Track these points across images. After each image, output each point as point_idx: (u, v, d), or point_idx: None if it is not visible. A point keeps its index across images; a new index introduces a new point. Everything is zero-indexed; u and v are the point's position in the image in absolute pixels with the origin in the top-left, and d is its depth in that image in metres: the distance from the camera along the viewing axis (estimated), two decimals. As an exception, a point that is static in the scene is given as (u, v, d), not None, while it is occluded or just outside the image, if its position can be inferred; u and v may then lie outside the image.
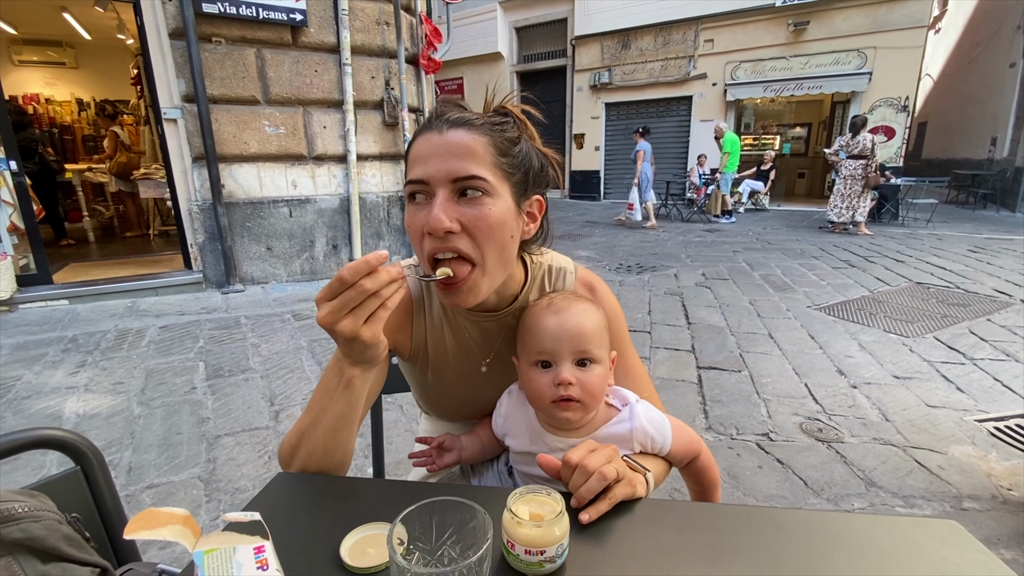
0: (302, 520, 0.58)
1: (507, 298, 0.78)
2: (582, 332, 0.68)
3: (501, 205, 0.65)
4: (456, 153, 0.63)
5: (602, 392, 0.71)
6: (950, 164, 11.74)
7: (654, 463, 0.73)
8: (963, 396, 2.51)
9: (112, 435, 2.25)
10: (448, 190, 0.63)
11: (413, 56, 5.21)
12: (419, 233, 0.65)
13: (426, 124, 0.67)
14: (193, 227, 4.49)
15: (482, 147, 0.64)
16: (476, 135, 0.64)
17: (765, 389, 2.63)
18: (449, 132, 0.64)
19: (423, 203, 0.65)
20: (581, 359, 0.69)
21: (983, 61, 11.06)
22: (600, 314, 0.72)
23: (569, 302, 0.71)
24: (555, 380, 0.67)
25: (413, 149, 0.67)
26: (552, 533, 0.50)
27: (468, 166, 0.63)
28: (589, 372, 0.68)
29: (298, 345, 3.28)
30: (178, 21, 4.03)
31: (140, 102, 6.79)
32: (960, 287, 4.38)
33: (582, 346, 0.68)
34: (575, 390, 0.67)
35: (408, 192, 0.66)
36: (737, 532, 0.56)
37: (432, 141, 0.64)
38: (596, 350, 0.69)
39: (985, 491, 1.83)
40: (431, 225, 0.62)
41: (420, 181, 0.64)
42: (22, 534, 0.48)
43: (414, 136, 0.68)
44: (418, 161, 0.65)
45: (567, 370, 0.67)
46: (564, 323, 0.68)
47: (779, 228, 8.08)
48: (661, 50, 11.33)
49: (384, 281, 0.54)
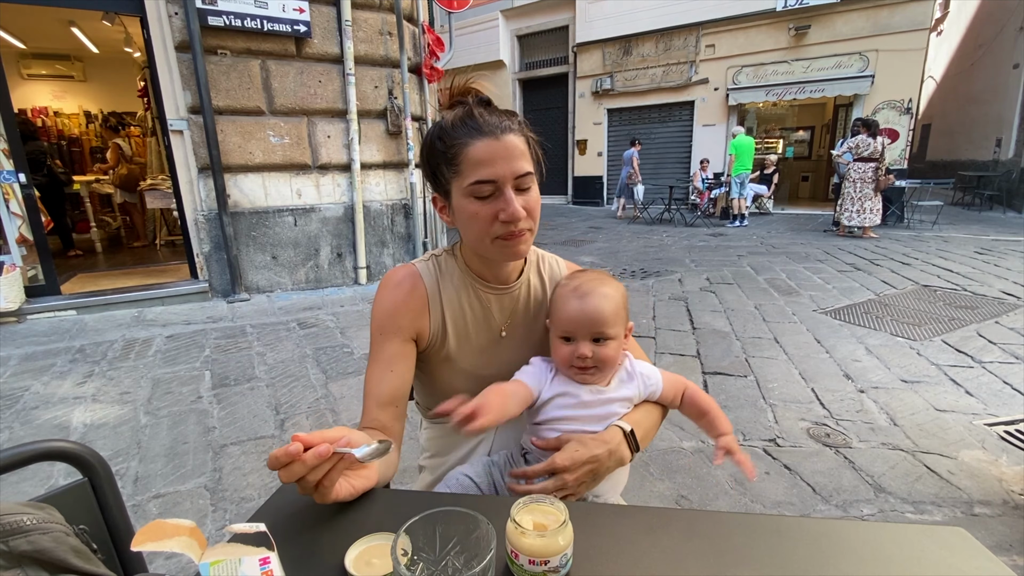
0: (307, 530, 0.59)
1: (514, 274, 0.93)
2: (600, 316, 0.81)
3: (537, 188, 0.83)
4: (515, 156, 0.78)
5: (616, 360, 0.85)
6: (955, 166, 11.70)
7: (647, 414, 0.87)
8: (972, 400, 2.49)
9: (119, 445, 2.26)
10: (511, 185, 0.78)
11: (416, 65, 5.25)
12: (490, 219, 0.78)
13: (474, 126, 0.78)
14: (199, 237, 4.52)
15: (524, 146, 0.80)
16: (520, 137, 0.80)
17: (771, 394, 2.62)
18: (504, 137, 0.77)
19: (488, 197, 0.78)
20: (597, 338, 0.82)
21: (986, 62, 11.04)
22: (619, 295, 0.85)
23: (593, 286, 0.84)
24: (575, 353, 0.81)
25: (472, 152, 0.77)
26: (556, 543, 0.50)
27: (524, 165, 0.79)
28: (604, 347, 0.82)
29: (303, 353, 3.29)
30: (184, 34, 4.08)
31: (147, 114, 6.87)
32: (967, 289, 4.34)
33: (599, 328, 0.81)
34: (591, 361, 0.81)
35: (475, 190, 0.78)
36: (743, 540, 0.56)
37: (494, 146, 0.77)
38: (611, 329, 0.82)
39: (996, 496, 1.81)
40: (513, 216, 0.77)
41: (491, 181, 0.77)
42: (30, 546, 0.49)
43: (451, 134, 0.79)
44: (483, 163, 0.77)
45: (584, 347, 0.81)
46: (585, 307, 0.81)
47: (783, 232, 8.06)
48: (662, 56, 11.38)
49: (310, 465, 0.56)
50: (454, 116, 0.80)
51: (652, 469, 2.03)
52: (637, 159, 9.72)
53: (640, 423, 0.84)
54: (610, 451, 0.78)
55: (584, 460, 0.75)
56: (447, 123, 0.80)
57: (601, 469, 0.77)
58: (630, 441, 0.81)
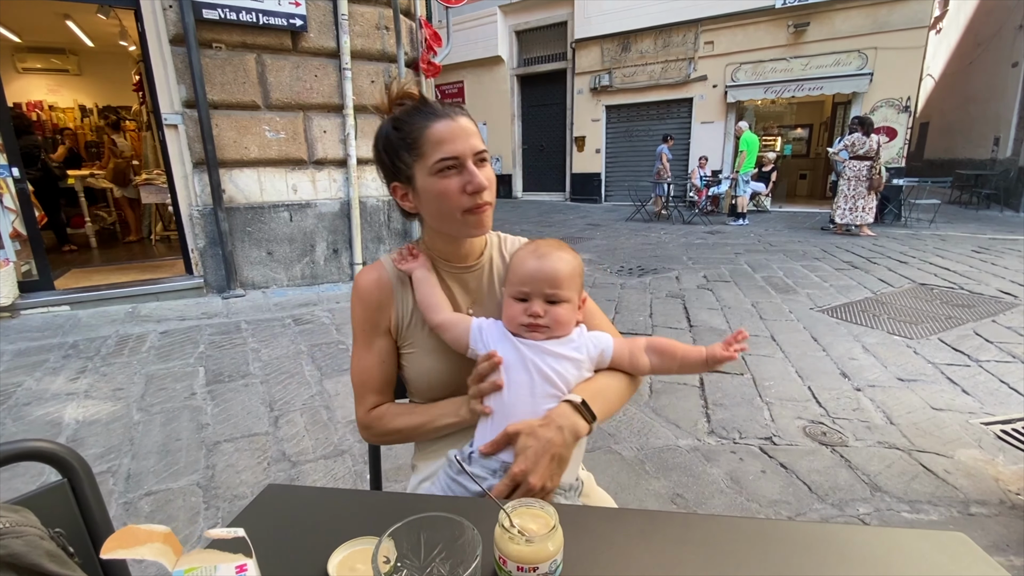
0: (290, 535, 0.57)
1: (476, 254, 0.97)
2: (556, 276, 0.82)
3: (491, 166, 0.87)
4: (471, 134, 0.84)
5: (568, 323, 0.85)
6: (953, 164, 11.70)
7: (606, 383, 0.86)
8: (969, 399, 2.48)
9: (111, 441, 2.24)
10: (472, 160, 0.83)
11: (413, 60, 5.22)
12: (458, 192, 0.83)
13: (429, 111, 0.84)
14: (194, 232, 4.49)
15: (475, 127, 0.86)
16: (469, 119, 0.86)
17: (768, 392, 2.61)
18: (458, 118, 0.84)
19: (454, 173, 0.83)
20: (551, 299, 0.82)
21: (985, 61, 11.03)
22: (576, 262, 0.86)
23: (551, 249, 0.85)
24: (527, 311, 0.82)
25: (432, 133, 0.82)
26: (545, 549, 0.48)
27: (479, 143, 0.85)
28: (558, 307, 0.82)
29: (298, 350, 3.27)
30: (179, 27, 4.04)
31: (142, 108, 6.82)
32: (964, 288, 4.34)
33: (553, 288, 0.82)
34: (543, 320, 0.82)
35: (441, 167, 0.82)
36: (737, 545, 0.55)
37: (452, 126, 0.82)
38: (565, 292, 0.83)
39: (993, 496, 1.80)
40: (479, 185, 0.82)
41: (455, 157, 0.82)
42: (2, 551, 0.47)
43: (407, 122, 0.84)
44: (445, 141, 0.82)
45: (538, 304, 0.82)
46: (542, 266, 0.82)
47: (781, 229, 8.05)
48: (661, 52, 11.34)
49: None
50: (404, 109, 0.86)
51: (648, 467, 2.02)
52: (667, 155, 9.48)
53: (599, 393, 0.83)
54: (560, 427, 0.76)
55: (539, 452, 0.74)
56: (400, 114, 0.86)
57: (562, 451, 0.75)
58: (583, 412, 0.79)
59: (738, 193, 8.76)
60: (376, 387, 0.93)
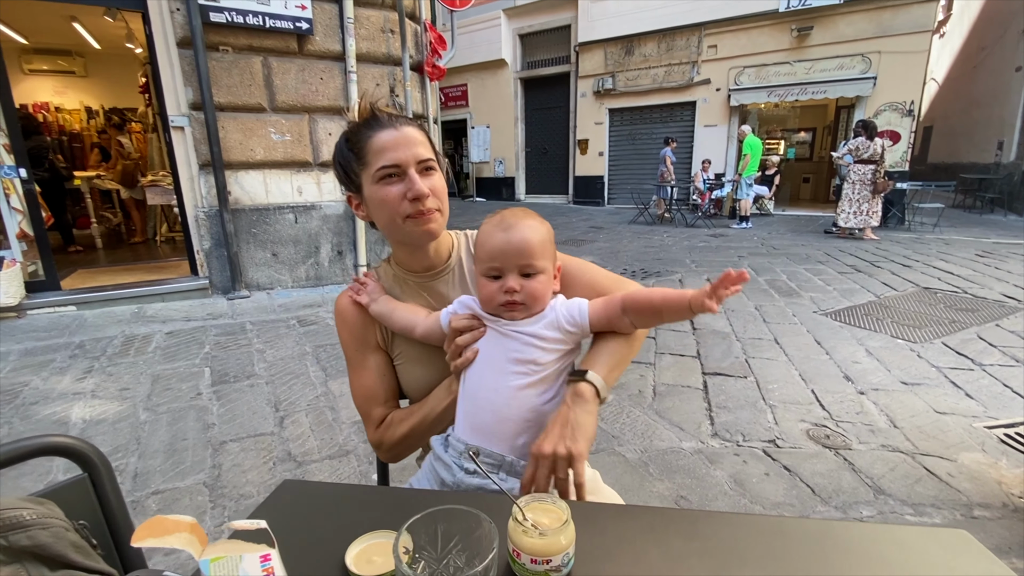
0: (308, 528, 0.58)
1: (443, 259, 0.96)
2: (528, 247, 0.78)
3: (442, 177, 0.89)
4: (415, 143, 0.85)
5: (546, 296, 0.81)
6: (957, 168, 11.68)
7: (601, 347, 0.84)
8: (972, 402, 2.48)
9: (118, 441, 2.26)
10: (415, 169, 0.84)
11: (418, 63, 5.25)
12: (399, 199, 0.84)
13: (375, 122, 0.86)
14: (199, 233, 4.52)
15: (423, 137, 0.88)
16: (418, 130, 0.88)
17: (771, 395, 2.62)
18: (402, 128, 0.85)
19: (395, 180, 0.84)
20: (526, 272, 0.78)
21: (989, 65, 11.02)
22: (545, 228, 0.82)
23: (517, 218, 0.80)
24: (502, 288, 0.78)
25: (375, 143, 0.84)
26: (558, 542, 0.49)
27: (423, 151, 0.86)
28: (533, 280, 0.79)
29: (303, 351, 3.29)
30: (186, 30, 4.08)
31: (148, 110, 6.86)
32: (968, 292, 4.34)
33: (527, 260, 0.78)
34: (519, 296, 0.78)
35: (382, 175, 0.84)
36: (744, 541, 0.56)
37: (394, 135, 0.84)
38: (540, 262, 0.79)
39: (996, 499, 1.81)
40: (418, 192, 0.82)
41: (395, 165, 0.83)
42: (30, 541, 0.49)
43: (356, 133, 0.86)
44: (387, 150, 0.83)
45: (513, 280, 0.77)
46: (511, 239, 0.78)
47: (784, 233, 8.05)
48: (665, 56, 11.36)
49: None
50: (357, 123, 0.88)
51: (651, 469, 2.03)
52: (671, 158, 9.50)
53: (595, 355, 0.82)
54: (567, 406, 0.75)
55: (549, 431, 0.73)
56: (352, 127, 0.88)
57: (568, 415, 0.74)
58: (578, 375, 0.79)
59: (741, 196, 8.76)
60: (380, 400, 0.93)
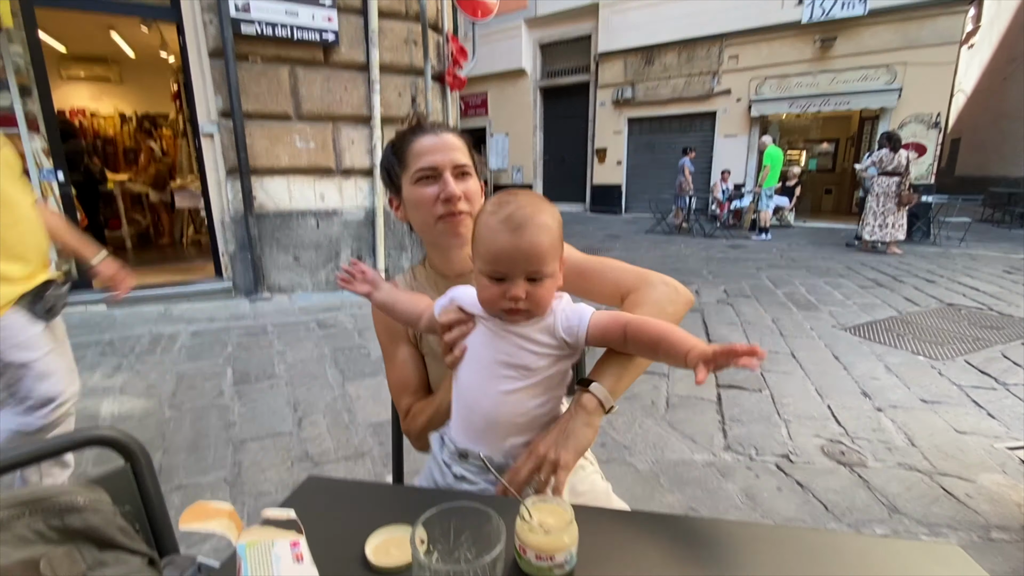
0: (330, 521, 0.63)
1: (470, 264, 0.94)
2: (538, 253, 0.70)
3: (477, 182, 0.94)
4: (453, 148, 0.91)
5: (550, 300, 0.75)
6: (985, 182, 11.41)
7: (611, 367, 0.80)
8: (994, 422, 2.44)
9: (144, 436, 2.34)
10: (451, 173, 0.89)
11: (439, 74, 5.35)
12: (432, 200, 0.89)
13: (419, 129, 0.92)
14: (225, 237, 4.65)
15: (463, 144, 0.93)
16: (458, 138, 0.93)
17: (786, 410, 2.60)
18: (443, 135, 0.91)
19: (430, 182, 0.90)
20: (533, 277, 0.71)
21: (1019, 77, 10.78)
22: (556, 223, 0.74)
23: (526, 216, 0.70)
24: (506, 294, 0.71)
25: (415, 147, 0.90)
26: (561, 540, 0.53)
27: (460, 157, 0.91)
28: (539, 286, 0.72)
29: (322, 353, 3.37)
30: (218, 41, 4.23)
31: (179, 116, 7.10)
32: (994, 309, 4.24)
33: (535, 266, 0.70)
34: (524, 303, 0.71)
35: (419, 176, 0.90)
36: (741, 548, 0.58)
37: (434, 140, 0.90)
38: (549, 266, 0.72)
39: (1015, 521, 1.77)
40: (451, 194, 0.88)
41: (432, 168, 0.89)
42: (83, 524, 0.54)
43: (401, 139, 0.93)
44: (425, 154, 0.89)
45: (519, 287, 0.70)
46: (520, 243, 0.69)
47: (804, 245, 7.95)
48: (685, 66, 11.35)
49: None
50: (403, 129, 0.95)
51: (663, 481, 2.03)
52: (689, 168, 9.48)
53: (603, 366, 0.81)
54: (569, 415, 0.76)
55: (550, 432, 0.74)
56: (399, 134, 0.95)
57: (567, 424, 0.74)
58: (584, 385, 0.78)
59: (761, 208, 8.69)
60: (410, 390, 0.96)
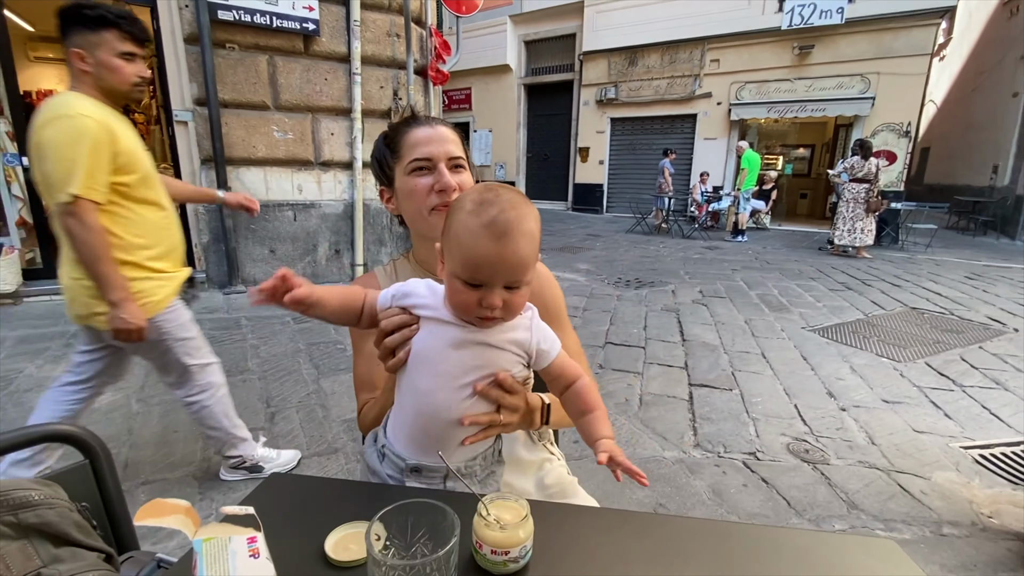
0: (291, 518, 0.63)
1: None
2: (521, 263, 0.67)
3: (471, 176, 0.95)
4: (447, 140, 0.92)
5: (523, 307, 0.72)
6: (952, 190, 11.82)
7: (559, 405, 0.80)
8: (950, 423, 2.54)
9: (110, 431, 2.30)
10: (445, 164, 0.90)
11: (422, 67, 5.31)
12: (426, 191, 0.90)
13: (413, 121, 0.93)
14: (198, 227, 4.56)
15: (457, 137, 0.94)
16: (451, 130, 0.94)
17: (755, 408, 2.67)
18: (438, 127, 0.92)
19: (425, 173, 0.90)
20: (511, 286, 0.68)
21: (986, 89, 11.17)
22: (538, 227, 0.70)
23: (510, 223, 0.65)
24: (482, 301, 0.66)
25: (410, 138, 0.91)
26: (517, 535, 0.54)
27: (456, 150, 0.92)
28: (516, 294, 0.68)
29: (296, 348, 3.33)
30: (193, 27, 4.13)
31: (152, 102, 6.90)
32: (954, 314, 4.41)
33: (516, 276, 0.67)
34: (499, 311, 0.67)
35: (414, 167, 0.90)
36: (689, 542, 0.61)
37: (429, 132, 0.91)
38: (528, 275, 0.69)
39: (965, 517, 1.86)
40: (446, 185, 0.88)
41: (427, 158, 0.89)
42: (37, 519, 0.53)
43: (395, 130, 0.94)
44: (420, 144, 0.90)
45: (496, 295, 0.66)
46: (503, 253, 0.65)
47: (779, 248, 8.14)
48: (667, 68, 11.48)
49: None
50: (396, 121, 0.96)
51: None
52: (669, 169, 9.65)
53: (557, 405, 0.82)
54: (530, 408, 0.80)
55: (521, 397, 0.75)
56: (391, 125, 0.96)
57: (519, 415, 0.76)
58: (544, 413, 0.83)
59: (740, 210, 8.87)
60: (368, 387, 0.94)
